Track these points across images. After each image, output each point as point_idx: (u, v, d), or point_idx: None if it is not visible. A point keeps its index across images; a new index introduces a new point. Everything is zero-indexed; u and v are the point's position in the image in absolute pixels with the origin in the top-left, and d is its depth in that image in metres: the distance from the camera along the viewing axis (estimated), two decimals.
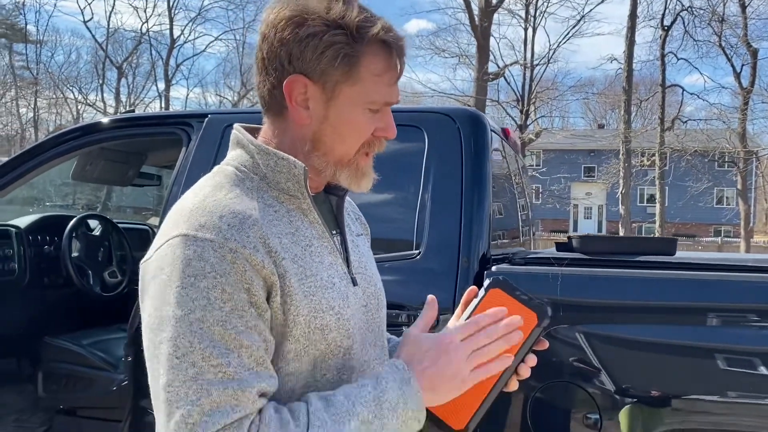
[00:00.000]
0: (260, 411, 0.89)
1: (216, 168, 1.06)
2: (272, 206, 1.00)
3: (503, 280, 1.07)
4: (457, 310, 1.11)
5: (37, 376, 3.17)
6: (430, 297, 1.10)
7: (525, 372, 1.04)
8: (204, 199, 0.96)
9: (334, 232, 1.09)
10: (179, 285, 0.89)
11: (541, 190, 32.75)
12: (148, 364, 0.92)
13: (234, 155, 1.06)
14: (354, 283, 1.07)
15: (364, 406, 0.92)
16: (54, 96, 35.93)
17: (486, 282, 1.08)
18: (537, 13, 22.03)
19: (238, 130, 1.07)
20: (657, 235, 20.01)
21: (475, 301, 1.07)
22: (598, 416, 1.90)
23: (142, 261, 0.98)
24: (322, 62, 0.97)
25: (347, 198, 1.22)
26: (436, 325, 1.11)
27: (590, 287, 2.02)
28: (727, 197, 36.18)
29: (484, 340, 0.99)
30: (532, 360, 1.04)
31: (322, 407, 0.91)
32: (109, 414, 2.81)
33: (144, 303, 0.94)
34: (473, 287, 1.11)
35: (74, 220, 3.53)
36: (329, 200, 1.12)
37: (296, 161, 1.00)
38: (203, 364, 0.87)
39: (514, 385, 1.05)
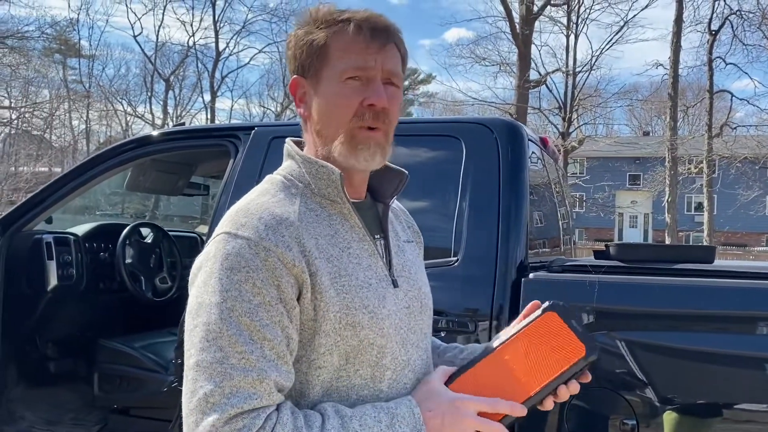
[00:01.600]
0: (278, 409, 0.96)
1: (267, 177, 1.17)
2: (314, 210, 1.08)
3: (562, 306, 1.10)
4: (515, 320, 1.16)
5: (93, 376, 3.30)
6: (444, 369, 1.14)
7: (564, 395, 1.08)
8: (249, 202, 1.07)
9: (377, 236, 1.15)
10: (217, 276, 0.98)
11: (584, 199, 32.24)
12: (185, 346, 1.01)
13: (285, 165, 1.16)
14: (395, 284, 1.13)
15: None
16: (105, 108, 37.07)
17: (546, 303, 1.12)
18: (579, 20, 21.80)
19: (288, 143, 1.18)
20: (706, 244, 19.48)
21: (531, 317, 1.11)
22: (635, 422, 1.92)
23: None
24: (302, 57, 1.10)
25: (402, 208, 1.32)
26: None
27: (627, 295, 2.04)
28: None
29: (491, 408, 1.03)
30: (574, 387, 1.08)
31: (337, 426, 0.97)
32: (160, 414, 2.91)
33: (190, 291, 1.04)
34: (536, 301, 1.16)
35: (127, 228, 3.67)
36: (376, 207, 1.19)
37: (333, 168, 1.08)
38: (229, 349, 0.95)
39: (549, 405, 1.09)
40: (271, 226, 1.01)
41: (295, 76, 1.12)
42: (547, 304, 1.12)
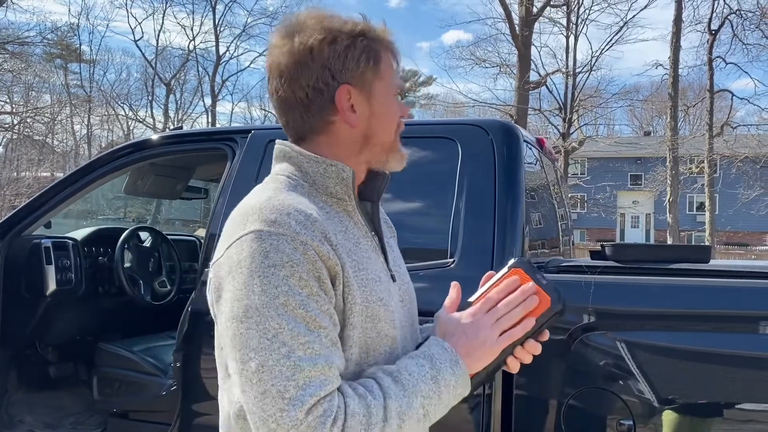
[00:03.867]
0: (338, 388, 0.99)
1: (268, 178, 1.18)
2: (323, 209, 1.11)
3: (527, 262, 1.15)
4: (480, 284, 1.21)
5: (93, 380, 3.31)
6: (454, 282, 1.21)
7: (535, 349, 1.14)
8: (269, 199, 1.06)
9: (372, 233, 1.20)
10: (260, 275, 0.98)
11: (586, 199, 32.22)
12: (232, 354, 0.99)
13: (282, 167, 1.17)
14: (393, 279, 1.19)
15: (425, 383, 1.04)
16: (106, 113, 37.13)
17: (511, 261, 1.16)
18: (578, 21, 21.82)
19: (284, 145, 1.18)
20: (707, 243, 19.47)
21: (496, 276, 1.16)
22: (631, 422, 1.92)
23: (212, 263, 1.08)
24: (360, 68, 1.12)
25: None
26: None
27: (622, 295, 2.04)
28: None
29: (504, 309, 1.11)
30: (543, 336, 1.14)
31: (391, 383, 1.02)
32: (159, 417, 2.91)
33: (223, 298, 1.02)
34: (490, 271, 1.21)
35: (126, 232, 3.67)
36: (365, 206, 1.22)
37: (345, 166, 1.12)
38: (293, 342, 0.96)
39: (515, 367, 1.15)
40: (301, 222, 1.02)
41: (341, 86, 1.11)
42: (512, 261, 1.16)
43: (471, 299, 1.16)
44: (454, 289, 1.20)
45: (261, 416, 0.95)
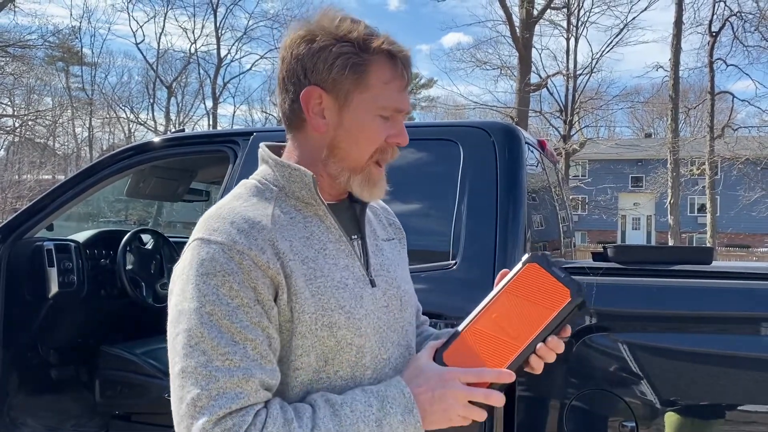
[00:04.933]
0: (266, 405, 0.98)
1: (242, 181, 1.17)
2: (289, 213, 1.09)
3: (542, 256, 1.10)
4: (495, 284, 1.15)
5: (95, 382, 3.32)
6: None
7: (558, 346, 1.06)
8: (220, 207, 1.08)
9: (354, 236, 1.16)
10: (194, 282, 0.99)
11: (587, 201, 32.21)
12: (168, 355, 1.02)
13: (260, 170, 1.17)
14: (372, 284, 1.13)
15: (366, 425, 0.99)
16: (107, 115, 37.20)
17: (525, 256, 1.11)
18: (579, 23, 21.84)
19: (262, 148, 1.19)
20: (708, 245, 19.46)
21: (512, 272, 1.10)
22: (634, 424, 1.92)
23: None
24: (333, 72, 1.06)
25: (384, 206, 1.32)
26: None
27: (625, 297, 2.04)
28: None
29: (481, 398, 1.02)
30: (565, 331, 1.08)
31: (328, 415, 0.98)
32: (161, 420, 2.92)
33: (170, 299, 1.05)
34: (504, 269, 1.15)
35: (128, 234, 3.68)
36: (354, 207, 1.19)
37: (306, 171, 1.09)
38: (212, 352, 0.96)
39: (539, 367, 1.08)
40: (244, 230, 1.02)
41: (311, 86, 1.08)
42: (526, 256, 1.11)
43: (476, 310, 1.10)
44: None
45: (176, 419, 0.98)
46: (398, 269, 1.24)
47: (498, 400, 1.02)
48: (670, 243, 18.49)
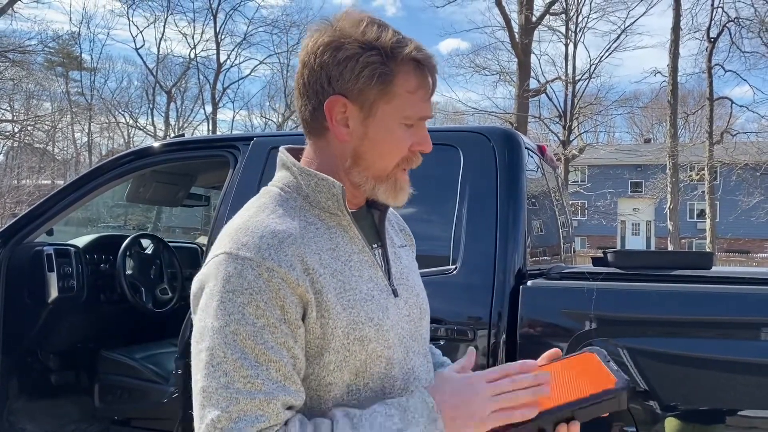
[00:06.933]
0: (286, 423, 0.96)
1: (263, 189, 1.13)
2: (314, 224, 1.06)
3: (600, 350, 1.13)
4: (540, 359, 1.16)
5: (94, 387, 3.30)
6: (471, 348, 1.16)
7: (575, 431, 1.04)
8: (248, 219, 1.03)
9: (375, 245, 1.14)
10: (219, 299, 0.96)
11: (586, 207, 32.23)
12: (192, 370, 0.99)
13: (280, 176, 1.13)
14: (395, 294, 1.11)
15: None
16: (107, 121, 37.22)
17: (585, 348, 1.15)
18: (577, 29, 21.91)
19: (283, 153, 1.14)
20: (708, 250, 19.46)
21: (567, 356, 1.14)
22: (634, 429, 1.92)
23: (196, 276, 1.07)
24: (359, 82, 1.03)
25: (393, 211, 1.27)
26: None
27: (625, 301, 2.05)
28: None
29: (508, 385, 1.01)
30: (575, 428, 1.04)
31: (348, 428, 0.96)
32: (161, 425, 2.91)
33: (193, 311, 1.02)
34: (557, 350, 1.17)
35: (128, 239, 3.67)
36: (372, 214, 1.17)
37: (335, 181, 1.06)
38: (234, 374, 0.93)
39: None
40: (273, 245, 0.99)
41: (335, 95, 1.04)
42: (586, 348, 1.15)
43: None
44: (468, 357, 1.12)
45: None
46: (415, 276, 1.23)
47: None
48: (670, 248, 18.49)
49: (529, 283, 2.14)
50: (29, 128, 25.97)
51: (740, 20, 19.74)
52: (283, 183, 1.11)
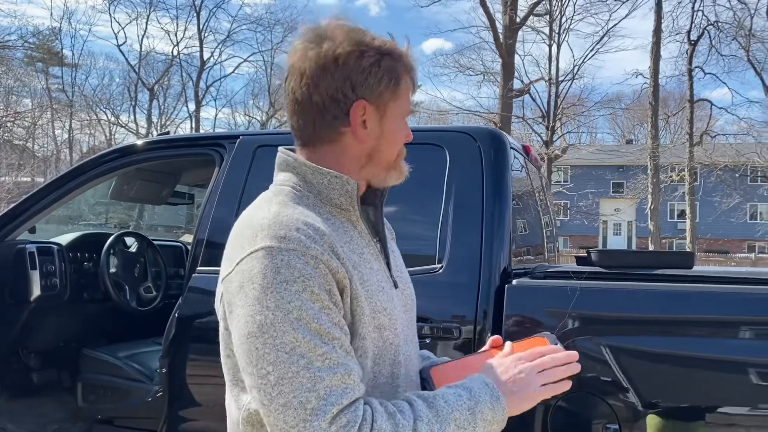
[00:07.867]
0: (369, 404, 1.00)
1: (273, 188, 1.17)
2: (329, 219, 1.12)
3: (550, 335, 1.25)
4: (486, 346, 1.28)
5: (77, 387, 3.27)
6: (496, 336, 1.28)
7: None
8: (277, 214, 1.06)
9: (375, 240, 1.20)
10: (273, 291, 0.99)
11: (568, 206, 32.47)
12: (249, 369, 1.00)
13: (285, 177, 1.17)
14: (396, 285, 1.20)
15: (461, 413, 1.04)
16: (88, 117, 36.83)
17: (538, 334, 1.25)
18: (561, 30, 22.07)
19: (287, 154, 1.18)
20: (689, 250, 19.71)
21: (521, 339, 1.24)
22: (617, 426, 1.94)
23: (221, 277, 1.08)
24: (381, 86, 1.12)
25: None
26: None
27: (608, 300, 2.07)
28: (760, 212, 35.50)
29: (550, 363, 1.14)
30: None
31: (425, 406, 1.03)
32: (145, 424, 2.89)
33: (235, 313, 1.03)
34: (497, 336, 1.28)
35: (112, 237, 3.65)
36: (367, 210, 1.21)
37: (349, 178, 1.13)
38: (311, 354, 0.97)
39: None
40: (311, 236, 1.03)
41: (359, 100, 1.11)
42: (539, 333, 1.25)
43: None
44: (493, 341, 1.26)
45: (283, 429, 0.96)
46: (405, 268, 1.31)
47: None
48: (651, 248, 18.69)
49: (514, 282, 2.15)
50: (9, 125, 25.61)
51: (719, 24, 20.02)
52: (293, 182, 1.15)
